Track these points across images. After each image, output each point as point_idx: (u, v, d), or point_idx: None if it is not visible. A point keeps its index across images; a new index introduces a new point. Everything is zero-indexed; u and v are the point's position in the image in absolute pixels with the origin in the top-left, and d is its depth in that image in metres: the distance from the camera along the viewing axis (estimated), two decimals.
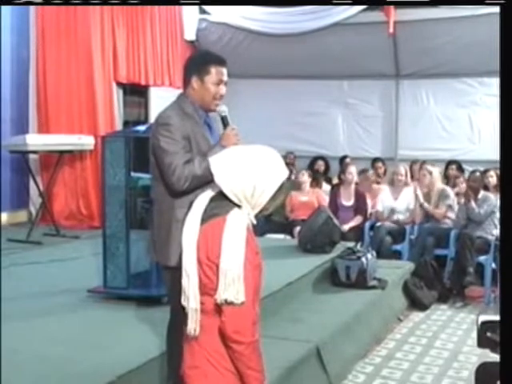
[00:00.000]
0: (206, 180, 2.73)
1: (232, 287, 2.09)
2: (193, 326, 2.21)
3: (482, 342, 3.06)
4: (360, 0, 8.35)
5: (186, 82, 3.16)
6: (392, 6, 8.39)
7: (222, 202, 2.22)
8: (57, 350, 3.66)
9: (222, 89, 3.15)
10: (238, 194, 2.19)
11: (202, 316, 2.20)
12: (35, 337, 3.90)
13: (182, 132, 3.03)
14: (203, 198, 2.28)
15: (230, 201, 2.21)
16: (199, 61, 3.19)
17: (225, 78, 3.15)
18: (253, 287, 2.16)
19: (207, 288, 2.17)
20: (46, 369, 3.39)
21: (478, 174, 7.54)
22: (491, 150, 8.84)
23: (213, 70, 3.12)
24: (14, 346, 3.62)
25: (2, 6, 7.36)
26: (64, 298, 4.76)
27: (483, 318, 3.16)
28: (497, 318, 2.94)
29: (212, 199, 2.26)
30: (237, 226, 2.14)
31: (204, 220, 2.22)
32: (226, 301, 2.11)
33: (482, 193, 7.21)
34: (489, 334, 3.02)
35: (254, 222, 2.25)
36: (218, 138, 3.18)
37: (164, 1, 8.88)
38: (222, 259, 2.11)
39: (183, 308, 2.25)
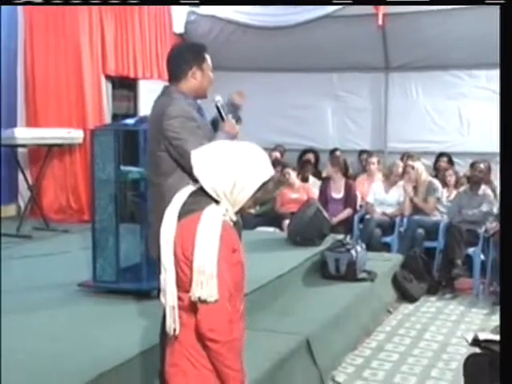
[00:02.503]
0: None
1: (205, 285, 2.04)
2: (172, 324, 2.16)
3: None
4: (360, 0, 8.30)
5: (180, 74, 3.13)
6: None
7: (201, 198, 2.16)
8: (46, 345, 3.66)
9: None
10: (217, 190, 2.14)
11: (181, 312, 2.16)
12: (25, 331, 3.88)
13: (194, 121, 3.03)
14: (183, 193, 2.22)
15: (210, 196, 2.16)
16: (195, 51, 3.20)
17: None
18: (230, 285, 2.12)
19: (184, 284, 2.12)
20: (35, 363, 3.38)
21: (482, 165, 7.20)
22: (480, 143, 8.87)
23: (206, 56, 3.18)
24: (3, 340, 3.60)
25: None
26: (54, 292, 4.75)
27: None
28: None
29: (191, 194, 2.21)
30: (211, 222, 2.09)
31: (181, 215, 2.17)
32: (199, 299, 2.06)
33: (482, 187, 7.11)
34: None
35: (234, 218, 2.20)
36: (209, 126, 3.19)
37: (164, 1, 8.83)
38: (195, 256, 2.06)
39: None
